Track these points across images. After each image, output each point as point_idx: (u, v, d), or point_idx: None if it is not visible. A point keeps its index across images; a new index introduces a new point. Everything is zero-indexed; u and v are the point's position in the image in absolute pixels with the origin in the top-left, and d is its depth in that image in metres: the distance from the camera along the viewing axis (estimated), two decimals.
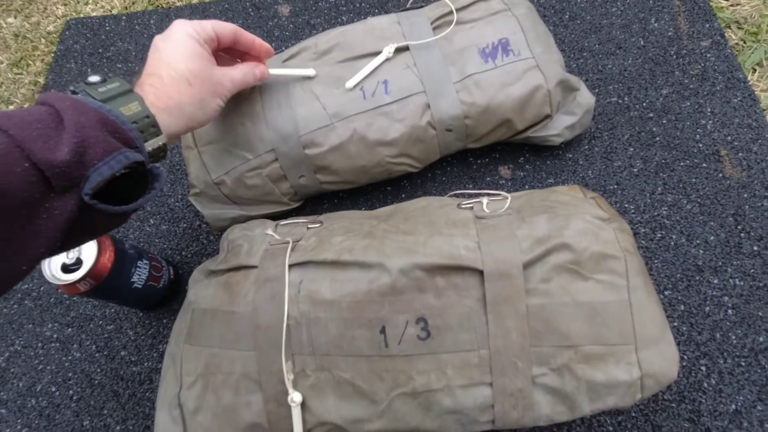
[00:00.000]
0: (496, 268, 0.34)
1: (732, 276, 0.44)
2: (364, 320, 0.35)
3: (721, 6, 0.59)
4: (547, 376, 0.33)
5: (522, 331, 0.33)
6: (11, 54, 0.74)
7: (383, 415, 0.35)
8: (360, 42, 0.47)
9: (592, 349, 0.32)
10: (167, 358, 0.40)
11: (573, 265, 0.34)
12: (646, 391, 0.32)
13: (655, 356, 0.32)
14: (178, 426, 0.37)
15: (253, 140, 0.46)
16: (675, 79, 0.54)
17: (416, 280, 0.34)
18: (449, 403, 0.34)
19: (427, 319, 0.34)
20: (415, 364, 0.34)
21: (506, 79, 0.45)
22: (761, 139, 0.49)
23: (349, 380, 0.35)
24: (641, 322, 0.32)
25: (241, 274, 0.39)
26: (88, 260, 0.41)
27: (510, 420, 0.34)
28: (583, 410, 0.33)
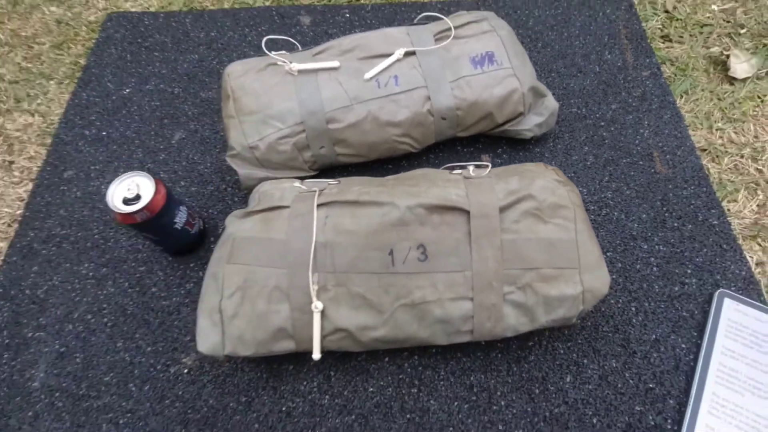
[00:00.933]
0: (479, 210, 0.45)
1: (657, 243, 0.56)
2: (377, 244, 0.44)
3: (659, 47, 0.74)
4: (514, 294, 0.44)
5: (497, 258, 0.44)
6: (53, 37, 0.83)
7: (386, 323, 0.44)
8: (377, 45, 0.59)
9: (548, 272, 0.43)
10: (208, 278, 0.48)
11: (536, 211, 0.45)
12: (586, 303, 0.43)
13: (593, 278, 0.43)
14: (217, 328, 0.45)
15: (286, 114, 0.56)
16: (621, 98, 0.68)
17: (418, 216, 0.45)
18: (440, 313, 0.44)
19: (425, 245, 0.44)
20: (415, 281, 0.44)
21: (490, 82, 0.58)
22: (683, 146, 0.63)
23: (362, 293, 0.44)
24: (584, 254, 0.44)
25: (275, 212, 0.49)
26: (146, 196, 0.50)
27: (485, 329, 0.44)
28: (541, 320, 0.44)
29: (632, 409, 0.47)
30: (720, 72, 0.71)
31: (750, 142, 0.64)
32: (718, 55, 0.72)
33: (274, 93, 0.57)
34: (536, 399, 0.49)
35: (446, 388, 0.50)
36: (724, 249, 0.55)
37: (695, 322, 0.51)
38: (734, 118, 0.66)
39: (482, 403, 0.49)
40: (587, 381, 0.49)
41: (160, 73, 0.76)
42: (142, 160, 0.68)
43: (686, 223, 0.57)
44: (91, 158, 0.68)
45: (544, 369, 0.50)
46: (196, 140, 0.69)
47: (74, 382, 0.52)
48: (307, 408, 0.49)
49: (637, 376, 0.49)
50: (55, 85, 0.77)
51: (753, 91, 0.68)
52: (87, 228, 0.63)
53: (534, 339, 0.52)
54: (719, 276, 0.54)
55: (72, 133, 0.71)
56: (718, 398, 0.46)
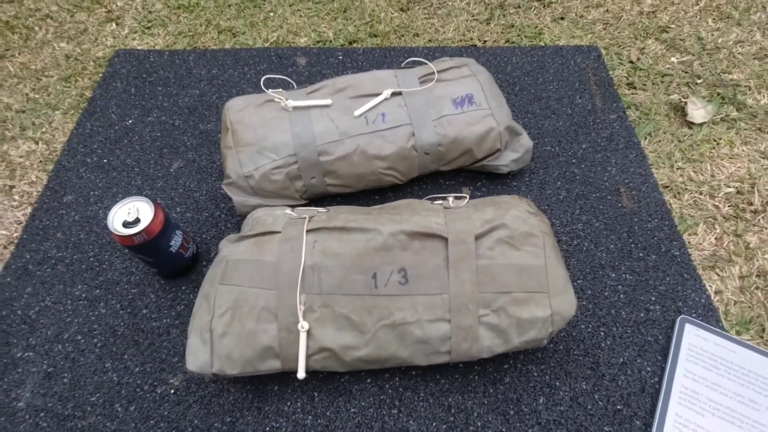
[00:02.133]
0: (457, 237, 0.48)
1: (624, 272, 0.60)
2: (361, 268, 0.48)
3: (625, 93, 0.81)
4: (489, 316, 0.47)
5: (473, 281, 0.47)
6: (61, 71, 0.88)
7: (369, 343, 0.47)
8: (366, 85, 0.65)
9: (520, 296, 0.47)
10: (200, 297, 0.51)
11: (509, 239, 0.49)
12: (555, 325, 0.46)
13: (561, 301, 0.47)
14: (207, 347, 0.47)
15: (280, 146, 0.60)
16: (591, 138, 0.74)
17: (401, 242, 0.48)
18: (419, 333, 0.47)
19: (406, 269, 0.48)
20: (396, 303, 0.47)
21: (470, 120, 0.63)
22: (648, 182, 0.69)
23: (346, 314, 0.47)
24: (553, 279, 0.47)
25: (267, 237, 0.52)
26: (145, 219, 0.53)
27: (462, 350, 0.47)
28: (514, 341, 0.47)
29: (601, 429, 0.50)
30: (679, 117, 0.77)
31: (708, 180, 0.70)
32: (677, 101, 0.79)
33: (270, 127, 0.61)
34: (511, 420, 0.51)
35: (425, 408, 0.52)
36: (686, 278, 0.59)
37: (659, 346, 0.54)
38: (693, 159, 0.72)
39: (459, 424, 0.51)
40: (559, 402, 0.51)
41: (162, 106, 0.81)
42: (141, 186, 0.71)
43: (650, 254, 0.61)
44: (91, 184, 0.71)
45: (518, 391, 0.52)
46: (193, 169, 0.73)
47: (60, 402, 0.53)
48: (291, 428, 0.51)
49: (605, 397, 0.51)
50: (61, 115, 0.81)
51: (709, 134, 0.74)
52: (83, 250, 0.65)
53: (509, 362, 0.54)
54: (681, 303, 0.57)
55: (74, 160, 0.74)
56: (681, 419, 0.49)
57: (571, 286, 0.48)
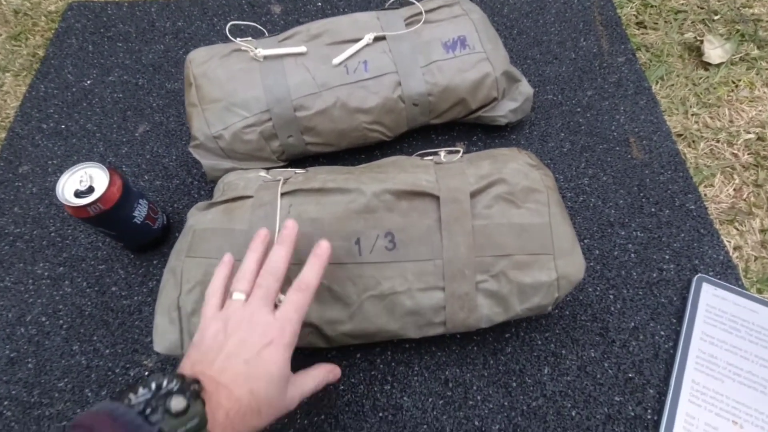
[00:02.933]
0: (449, 195, 0.43)
1: (635, 230, 0.55)
2: (343, 233, 0.42)
3: (634, 33, 0.74)
4: (488, 282, 0.42)
5: (468, 245, 0.42)
6: (10, 28, 0.79)
7: (354, 316, 0.42)
8: (345, 30, 0.57)
9: (522, 259, 0.41)
10: (167, 273, 0.46)
11: (508, 196, 0.43)
12: (561, 290, 0.41)
13: (567, 264, 0.42)
14: (175, 326, 0.42)
15: (251, 101, 0.54)
16: (597, 84, 0.67)
17: (386, 202, 0.43)
18: (410, 304, 0.42)
19: (394, 233, 0.42)
20: (383, 271, 0.42)
21: (462, 66, 0.56)
22: (660, 131, 0.62)
23: (327, 285, 0.42)
24: (558, 239, 0.42)
25: (238, 203, 0.46)
26: (99, 187, 0.47)
27: (458, 320, 0.42)
28: (515, 309, 0.42)
29: (611, 399, 0.46)
30: (694, 58, 0.70)
31: (725, 126, 0.63)
32: (692, 41, 0.71)
33: (239, 80, 0.54)
34: (513, 393, 0.47)
35: (420, 383, 0.48)
36: (702, 234, 0.54)
37: (674, 309, 0.50)
38: (709, 103, 0.65)
39: (458, 399, 0.47)
40: (565, 372, 0.47)
41: (123, 63, 0.73)
42: (104, 153, 0.65)
43: (663, 209, 0.56)
44: (48, 152, 0.65)
45: (521, 361, 0.48)
46: (160, 133, 0.66)
47: (25, 389, 0.49)
48: None
49: (616, 365, 0.47)
50: (12, 77, 0.73)
51: (727, 76, 0.68)
52: (43, 225, 0.59)
53: (511, 330, 0.50)
54: (697, 261, 0.53)
55: (28, 127, 0.67)
56: (698, 385, 0.45)
57: (579, 247, 0.43)
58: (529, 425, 0.45)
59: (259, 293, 0.36)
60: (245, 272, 0.38)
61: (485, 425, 0.45)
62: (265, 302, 0.36)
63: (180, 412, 0.27)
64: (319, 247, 0.39)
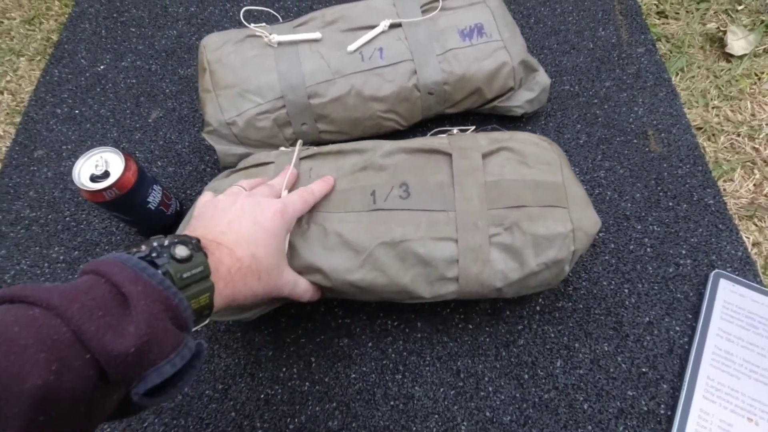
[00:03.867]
0: (461, 153, 0.43)
1: (651, 223, 0.54)
2: (358, 186, 0.43)
3: (654, 23, 0.72)
4: (501, 235, 0.41)
5: (481, 197, 0.41)
6: (24, 12, 0.79)
7: (365, 264, 0.41)
8: (361, 16, 0.56)
9: (536, 210, 0.41)
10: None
11: (520, 158, 0.43)
12: (578, 242, 0.40)
13: (582, 217, 0.41)
14: None
15: (265, 88, 0.53)
16: (616, 75, 0.66)
17: (400, 159, 0.44)
18: (422, 251, 0.40)
19: (408, 183, 0.42)
20: (396, 218, 0.41)
21: (479, 54, 0.55)
22: (679, 124, 0.61)
23: (338, 231, 0.41)
24: (572, 196, 0.42)
25: (260, 168, 0.47)
26: (115, 172, 0.47)
27: (471, 275, 0.41)
28: (530, 264, 0.40)
29: (624, 394, 0.46)
30: (717, 49, 0.68)
31: (747, 120, 0.62)
32: (714, 31, 0.70)
33: (253, 66, 0.54)
34: (525, 384, 0.47)
35: (432, 373, 0.48)
36: (720, 229, 0.53)
37: (690, 304, 0.49)
38: (731, 96, 0.64)
39: (469, 389, 0.47)
40: (578, 365, 0.47)
41: (136, 49, 0.73)
42: (117, 139, 0.65)
43: (681, 203, 0.55)
44: (62, 137, 0.65)
45: (533, 353, 0.48)
46: (173, 119, 0.66)
47: None
48: (287, 395, 0.47)
49: (629, 360, 0.47)
50: (26, 62, 0.73)
51: (750, 68, 0.66)
52: (58, 210, 0.60)
53: (523, 322, 0.50)
54: (715, 256, 0.52)
55: (43, 112, 0.67)
56: (713, 382, 0.44)
57: (592, 206, 0.43)
58: (541, 417, 0.45)
59: (263, 189, 0.39)
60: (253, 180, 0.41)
61: (496, 416, 0.45)
62: (269, 193, 0.38)
63: (184, 259, 0.27)
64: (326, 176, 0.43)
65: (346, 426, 0.46)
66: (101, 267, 0.24)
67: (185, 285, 0.27)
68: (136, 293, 0.23)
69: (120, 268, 0.24)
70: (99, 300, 0.22)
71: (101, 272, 0.24)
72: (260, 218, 0.35)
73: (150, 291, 0.24)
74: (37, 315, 0.21)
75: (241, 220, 0.34)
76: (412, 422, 0.45)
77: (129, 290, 0.23)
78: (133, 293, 0.23)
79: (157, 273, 0.25)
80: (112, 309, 0.22)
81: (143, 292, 0.23)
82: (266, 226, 0.34)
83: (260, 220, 0.35)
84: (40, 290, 0.22)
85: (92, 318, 0.21)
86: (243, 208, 0.35)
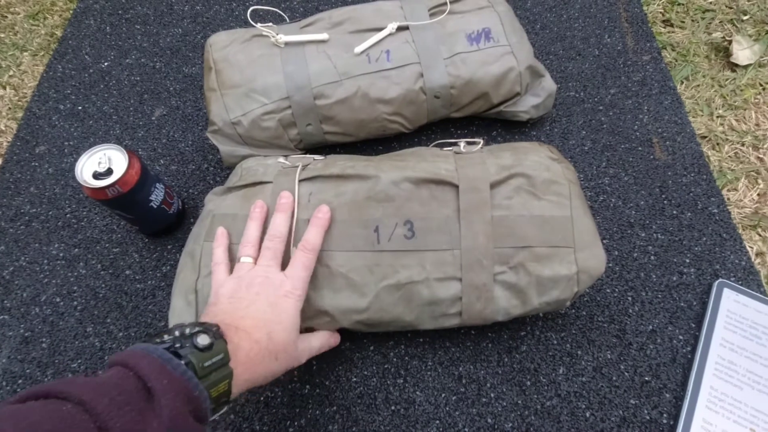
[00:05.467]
0: (469, 184, 0.42)
1: (655, 231, 0.54)
2: (362, 221, 0.42)
3: (660, 31, 0.72)
4: (506, 274, 0.41)
5: (487, 234, 0.41)
6: (29, 7, 0.79)
7: (371, 306, 0.41)
8: (368, 18, 0.56)
9: (542, 251, 0.41)
10: (184, 256, 0.45)
11: (529, 187, 0.42)
12: (581, 284, 0.41)
13: (588, 257, 0.41)
14: (191, 309, 0.42)
15: (271, 88, 0.53)
16: (621, 83, 0.66)
17: (405, 191, 0.42)
18: (427, 293, 0.41)
19: (413, 221, 0.42)
20: (401, 260, 0.41)
21: (486, 59, 0.55)
22: (684, 132, 0.61)
23: (344, 273, 0.41)
24: (579, 231, 0.41)
25: (257, 188, 0.46)
26: (118, 170, 0.47)
27: (474, 311, 0.41)
28: (533, 303, 0.41)
29: (627, 402, 0.45)
30: (722, 58, 0.69)
31: (751, 129, 0.62)
32: (720, 41, 0.70)
33: (259, 66, 0.54)
34: (527, 391, 0.46)
35: (433, 378, 0.47)
36: (724, 238, 0.53)
37: (693, 313, 0.49)
38: (735, 106, 0.64)
39: (471, 395, 0.46)
40: (581, 373, 0.47)
41: (141, 46, 0.72)
42: (120, 136, 0.64)
43: (685, 211, 0.55)
44: (65, 133, 0.65)
45: (536, 360, 0.48)
46: (177, 117, 0.66)
47: (39, 369, 0.49)
48: (286, 398, 0.47)
49: (632, 368, 0.47)
50: (29, 57, 0.73)
51: (755, 78, 0.66)
52: (58, 206, 0.59)
53: (526, 329, 0.49)
54: (718, 266, 0.52)
55: (45, 107, 0.67)
56: (716, 392, 0.44)
57: (600, 241, 0.42)
58: (543, 425, 0.45)
59: (267, 254, 0.40)
60: (249, 239, 0.41)
61: (498, 423, 0.45)
62: (274, 262, 0.39)
63: (206, 347, 0.29)
64: (319, 211, 0.42)
65: (347, 430, 0.45)
66: (130, 360, 0.26)
67: (206, 374, 0.28)
68: (161, 388, 0.25)
69: (147, 362, 0.26)
70: (127, 395, 0.24)
71: (130, 365, 0.26)
72: (273, 298, 0.37)
73: (174, 384, 0.26)
74: (68, 411, 0.23)
75: (257, 304, 0.36)
76: (413, 427, 0.45)
77: (154, 385, 0.25)
78: (158, 388, 0.25)
79: (180, 364, 0.27)
80: (138, 404, 0.24)
81: (168, 385, 0.25)
82: (282, 306, 0.37)
83: (274, 300, 0.37)
84: (73, 385, 0.24)
85: (120, 413, 0.23)
86: (256, 292, 0.37)
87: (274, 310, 0.36)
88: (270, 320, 0.35)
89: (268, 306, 0.36)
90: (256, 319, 0.35)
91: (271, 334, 0.35)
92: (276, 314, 0.36)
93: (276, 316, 0.36)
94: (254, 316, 0.35)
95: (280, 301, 0.37)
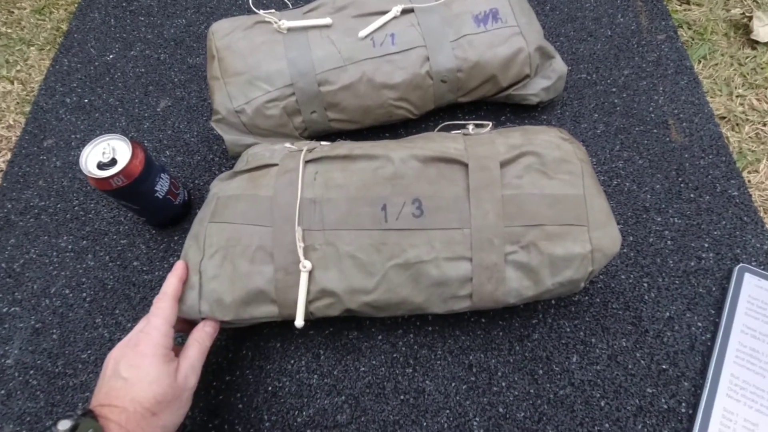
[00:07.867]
0: (478, 163, 0.41)
1: (672, 216, 0.52)
2: (369, 199, 0.41)
3: (676, 9, 0.69)
4: (517, 254, 0.40)
5: (498, 213, 0.40)
6: (34, 2, 0.79)
7: (378, 286, 0.40)
8: (372, 2, 0.55)
9: (554, 229, 0.39)
10: (189, 239, 0.45)
11: (540, 166, 0.41)
12: (596, 263, 0.39)
13: (602, 236, 0.39)
14: (194, 290, 0.41)
15: (274, 75, 0.52)
16: (635, 63, 0.64)
17: (413, 169, 0.41)
18: (436, 273, 0.40)
19: (421, 200, 0.41)
20: (409, 239, 0.40)
21: (494, 40, 0.53)
22: (701, 113, 0.59)
23: (351, 253, 0.40)
24: (592, 210, 0.40)
25: (263, 170, 0.45)
26: (122, 160, 0.46)
27: (485, 293, 0.40)
28: (546, 283, 0.40)
29: (643, 391, 0.44)
30: (741, 36, 0.66)
31: None
32: (739, 17, 0.67)
33: (262, 52, 0.53)
34: (540, 380, 0.45)
35: (443, 368, 0.46)
36: (745, 222, 0.51)
37: (712, 299, 0.48)
38: (756, 84, 0.61)
39: (482, 384, 0.45)
40: (595, 361, 0.46)
41: (145, 38, 0.72)
42: (126, 128, 0.64)
43: (703, 195, 0.53)
44: (72, 127, 0.65)
45: (548, 348, 0.47)
46: (182, 108, 0.65)
47: (50, 360, 0.50)
48: (294, 388, 0.46)
49: (649, 356, 0.45)
50: (36, 51, 0.73)
51: None
52: (67, 199, 0.60)
53: (538, 317, 0.48)
54: (739, 250, 0.50)
55: (52, 101, 0.67)
56: (738, 380, 0.42)
57: (614, 220, 0.40)
58: (556, 414, 0.44)
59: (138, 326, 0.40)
60: None
61: (510, 412, 0.44)
62: (142, 325, 0.39)
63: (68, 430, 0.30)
64: (174, 266, 0.42)
65: (355, 420, 0.45)
66: None
67: None
68: None
69: None
70: None
71: None
72: (129, 361, 0.36)
73: None
74: None
75: (115, 374, 0.36)
76: (423, 417, 0.44)
77: None
78: None
79: None
80: None
81: None
82: (137, 364, 0.36)
83: (129, 363, 0.36)
84: None
85: None
86: (115, 360, 0.37)
87: (131, 373, 0.35)
88: (129, 385, 0.35)
89: (125, 370, 0.35)
90: (117, 389, 0.35)
91: (135, 398, 0.34)
92: (134, 377, 0.35)
93: (134, 379, 0.35)
94: (114, 386, 0.35)
95: (134, 361, 0.36)
